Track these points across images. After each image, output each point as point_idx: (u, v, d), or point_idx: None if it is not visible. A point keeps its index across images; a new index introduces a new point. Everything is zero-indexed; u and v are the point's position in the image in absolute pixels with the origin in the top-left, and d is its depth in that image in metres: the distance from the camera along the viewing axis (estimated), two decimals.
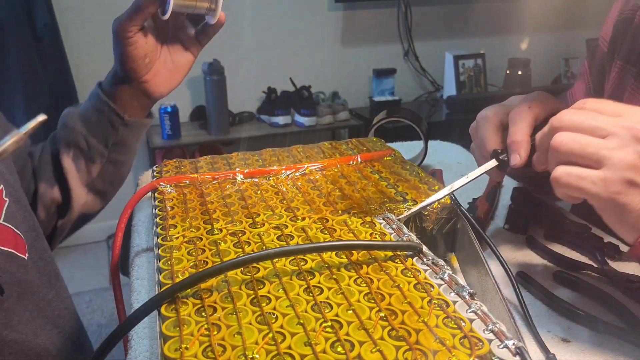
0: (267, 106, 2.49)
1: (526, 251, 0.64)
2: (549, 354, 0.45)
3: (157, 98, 0.75)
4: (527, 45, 2.91)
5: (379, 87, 2.70)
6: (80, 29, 2.23)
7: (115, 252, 0.59)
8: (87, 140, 0.74)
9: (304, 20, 2.56)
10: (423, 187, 0.61)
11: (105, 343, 0.38)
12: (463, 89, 2.76)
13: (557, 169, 0.46)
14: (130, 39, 0.68)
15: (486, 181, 0.81)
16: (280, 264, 0.45)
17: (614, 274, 0.57)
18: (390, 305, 0.40)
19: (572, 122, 0.46)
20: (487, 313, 0.38)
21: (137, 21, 0.67)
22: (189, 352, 0.35)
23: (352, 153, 0.71)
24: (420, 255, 0.46)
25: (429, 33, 2.78)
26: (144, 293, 0.57)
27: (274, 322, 0.38)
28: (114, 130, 0.74)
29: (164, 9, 0.67)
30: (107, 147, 0.75)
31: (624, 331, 0.48)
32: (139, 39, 0.68)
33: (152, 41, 0.71)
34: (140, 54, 0.69)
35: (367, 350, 0.35)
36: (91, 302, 2.09)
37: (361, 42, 2.70)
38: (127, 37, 0.67)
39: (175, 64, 0.74)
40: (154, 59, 0.72)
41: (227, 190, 0.61)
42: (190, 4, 0.68)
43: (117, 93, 0.73)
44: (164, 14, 0.67)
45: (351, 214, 0.55)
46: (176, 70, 0.74)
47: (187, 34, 0.74)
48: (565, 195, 0.46)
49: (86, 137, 0.74)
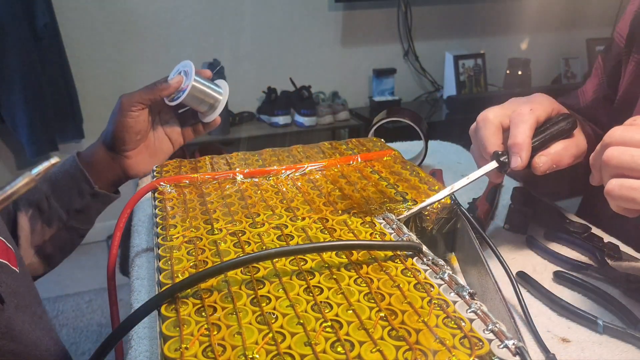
0: (267, 106, 2.49)
1: (526, 251, 0.64)
2: (549, 353, 0.45)
3: (131, 177, 0.78)
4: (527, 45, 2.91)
5: (378, 87, 2.70)
6: (80, 29, 2.23)
7: (112, 252, 0.59)
8: (49, 202, 0.74)
9: (304, 20, 2.56)
10: (423, 187, 0.61)
11: (106, 343, 0.38)
12: (463, 89, 2.76)
13: (610, 182, 0.47)
14: (133, 112, 0.72)
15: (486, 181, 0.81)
16: (280, 264, 0.45)
17: (614, 274, 0.57)
18: (390, 305, 0.40)
19: (622, 137, 0.47)
20: (487, 313, 0.38)
21: (147, 100, 0.73)
22: (189, 352, 0.35)
23: (352, 153, 0.71)
24: (420, 255, 0.46)
25: (429, 33, 2.78)
26: (144, 293, 0.57)
27: (274, 322, 0.38)
28: (80, 197, 0.75)
29: (174, 96, 0.74)
30: (68, 213, 0.75)
31: (624, 331, 0.48)
32: (141, 115, 0.73)
33: (148, 123, 0.76)
34: (136, 129, 0.74)
35: (367, 350, 0.35)
36: (91, 302, 2.09)
37: (361, 42, 2.70)
38: (131, 110, 0.72)
39: (156, 150, 0.78)
40: (144, 139, 0.76)
41: (227, 190, 0.61)
42: (200, 97, 0.75)
43: (95, 161, 0.76)
44: (172, 101, 0.74)
45: (351, 214, 0.55)
46: (155, 155, 0.79)
47: (176, 128, 0.80)
48: (619, 207, 0.47)
49: (49, 199, 0.74)
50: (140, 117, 0.73)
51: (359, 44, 2.70)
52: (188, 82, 0.73)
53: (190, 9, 2.35)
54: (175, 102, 0.74)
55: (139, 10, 2.29)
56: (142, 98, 0.72)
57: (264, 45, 2.53)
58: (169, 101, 0.75)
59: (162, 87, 0.73)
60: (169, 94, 0.74)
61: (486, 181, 0.81)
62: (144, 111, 0.73)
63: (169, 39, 2.36)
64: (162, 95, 0.73)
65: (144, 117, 0.74)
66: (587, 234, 0.64)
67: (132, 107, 0.72)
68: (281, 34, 2.54)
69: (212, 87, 0.76)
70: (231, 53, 2.41)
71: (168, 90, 0.73)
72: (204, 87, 0.75)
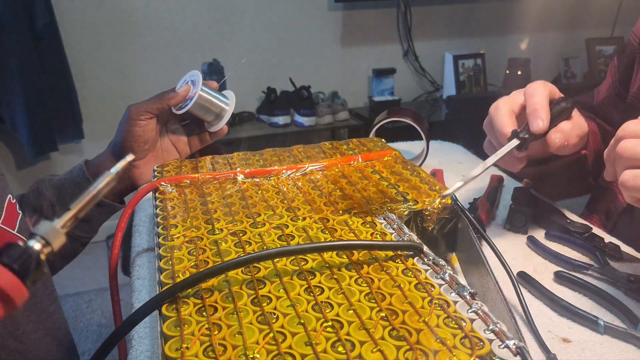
0: (267, 106, 2.49)
1: (527, 251, 0.64)
2: (550, 353, 0.45)
3: (138, 186, 0.79)
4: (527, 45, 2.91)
5: (378, 87, 2.70)
6: (80, 29, 2.23)
7: (114, 252, 0.59)
8: (53, 208, 0.75)
9: (304, 20, 2.56)
10: (424, 187, 0.61)
11: (107, 342, 0.38)
12: (463, 89, 2.76)
13: (625, 173, 0.48)
14: (142, 121, 0.73)
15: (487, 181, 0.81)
16: (281, 264, 0.45)
17: (614, 274, 0.57)
18: (391, 305, 0.40)
19: (636, 130, 0.49)
20: (487, 313, 0.38)
21: (154, 109, 0.74)
22: (189, 352, 0.35)
23: (352, 153, 0.71)
24: (421, 255, 0.46)
25: (428, 33, 2.78)
26: (145, 293, 0.57)
27: (274, 321, 0.38)
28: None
29: (181, 105, 0.75)
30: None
31: (624, 331, 0.48)
32: (149, 124, 0.74)
33: (156, 133, 0.76)
34: (144, 138, 0.75)
35: (368, 350, 0.35)
36: (91, 302, 2.09)
37: (361, 42, 2.70)
38: (139, 119, 0.73)
39: (164, 160, 0.79)
40: (152, 149, 0.77)
41: (228, 190, 0.61)
42: (207, 106, 0.76)
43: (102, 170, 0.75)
44: (179, 110, 0.75)
45: (352, 214, 0.55)
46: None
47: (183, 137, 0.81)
48: (633, 198, 0.48)
49: (53, 205, 0.75)
50: (148, 126, 0.74)
51: (358, 44, 2.70)
52: (195, 90, 0.74)
53: (189, 9, 2.35)
54: (183, 111, 0.75)
55: (139, 10, 2.29)
56: (150, 107, 0.73)
57: (264, 45, 2.53)
58: (176, 110, 0.76)
59: (169, 96, 0.74)
60: (176, 103, 0.74)
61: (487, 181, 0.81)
62: (152, 120, 0.74)
63: (169, 40, 2.36)
64: (170, 104, 0.74)
65: (152, 127, 0.75)
66: (588, 234, 0.64)
67: (141, 116, 0.73)
68: (281, 34, 2.54)
69: (219, 96, 0.77)
70: (231, 53, 2.41)
71: (176, 99, 0.74)
72: (211, 96, 0.76)
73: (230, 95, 0.79)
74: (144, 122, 0.73)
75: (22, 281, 0.28)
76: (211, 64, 2.32)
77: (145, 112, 0.73)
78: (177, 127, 0.80)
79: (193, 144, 0.81)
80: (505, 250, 0.63)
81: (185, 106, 0.75)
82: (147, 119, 0.74)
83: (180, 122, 0.81)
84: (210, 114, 0.77)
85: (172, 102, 0.74)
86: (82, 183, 0.75)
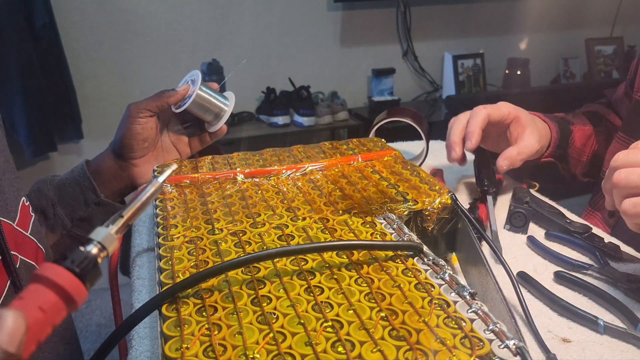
0: (266, 106, 2.49)
1: (527, 251, 0.64)
2: (550, 354, 0.45)
3: (137, 185, 0.79)
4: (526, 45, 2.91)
5: (378, 87, 2.70)
6: (79, 29, 2.23)
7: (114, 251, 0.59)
8: (54, 209, 0.75)
9: (303, 20, 2.56)
10: (424, 187, 0.61)
11: (107, 342, 0.38)
12: (462, 89, 2.76)
13: (624, 203, 0.49)
14: (141, 119, 0.74)
15: None
16: (281, 264, 0.45)
17: (614, 274, 0.57)
18: (390, 305, 0.40)
19: (627, 160, 0.50)
20: (487, 313, 0.38)
21: (154, 107, 0.74)
22: (189, 352, 0.35)
23: (352, 153, 0.71)
24: (420, 255, 0.46)
25: (428, 33, 2.78)
26: (145, 293, 0.57)
27: (274, 322, 0.38)
28: (85, 206, 0.75)
29: (180, 103, 0.76)
30: (72, 221, 0.76)
31: (624, 331, 0.48)
32: (148, 122, 0.75)
33: (156, 131, 0.77)
34: (143, 135, 0.75)
35: (368, 350, 0.35)
36: (91, 302, 2.09)
37: (360, 42, 2.69)
38: (138, 117, 0.74)
39: (164, 160, 0.80)
40: (151, 147, 0.78)
41: (228, 190, 0.61)
42: (206, 105, 0.76)
43: (103, 169, 0.77)
44: (178, 108, 0.76)
45: (352, 214, 0.55)
46: None
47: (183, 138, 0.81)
48: (637, 225, 0.50)
49: (55, 206, 0.75)
50: (147, 124, 0.74)
51: (358, 44, 2.70)
52: (194, 89, 0.75)
53: (189, 9, 2.35)
54: (181, 109, 0.75)
55: (139, 10, 2.29)
56: (149, 105, 0.74)
57: (263, 45, 2.53)
58: (175, 108, 0.76)
59: (169, 94, 0.74)
60: (176, 101, 0.75)
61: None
62: (151, 119, 0.75)
63: (168, 39, 2.36)
64: (170, 103, 0.74)
65: (151, 125, 0.75)
66: (588, 234, 0.64)
67: (140, 114, 0.73)
68: (280, 33, 2.54)
69: (217, 96, 0.77)
70: (230, 53, 2.41)
71: (175, 97, 0.74)
72: (209, 95, 0.76)
73: (230, 95, 0.79)
74: (143, 119, 0.74)
75: (82, 283, 0.30)
76: (211, 64, 2.32)
77: (144, 110, 0.73)
78: (177, 129, 0.81)
79: (194, 145, 0.81)
80: (505, 250, 0.63)
81: (184, 104, 0.75)
82: (147, 116, 0.74)
83: (182, 124, 0.81)
84: (209, 113, 0.77)
85: (171, 100, 0.74)
86: (82, 182, 0.75)
